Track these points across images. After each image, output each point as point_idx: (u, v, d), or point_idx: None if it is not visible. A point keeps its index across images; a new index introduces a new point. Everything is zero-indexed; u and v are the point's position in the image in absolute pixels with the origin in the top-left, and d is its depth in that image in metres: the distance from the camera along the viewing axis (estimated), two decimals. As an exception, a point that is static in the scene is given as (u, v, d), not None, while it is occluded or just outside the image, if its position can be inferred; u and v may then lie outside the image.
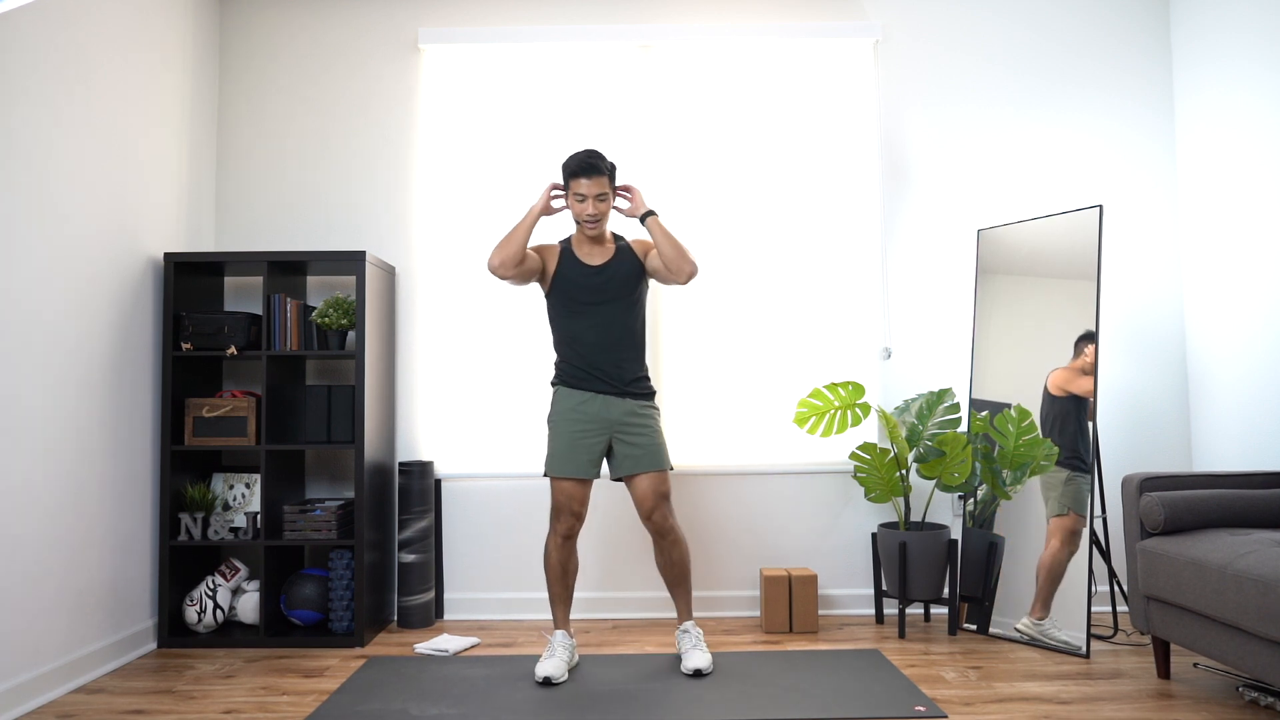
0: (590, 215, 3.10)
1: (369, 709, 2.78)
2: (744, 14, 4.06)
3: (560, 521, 3.11)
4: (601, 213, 3.11)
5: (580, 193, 3.10)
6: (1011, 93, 4.04)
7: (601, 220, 3.12)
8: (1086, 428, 3.34)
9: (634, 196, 3.20)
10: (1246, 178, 3.58)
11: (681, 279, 3.10)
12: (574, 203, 3.12)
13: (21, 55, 2.83)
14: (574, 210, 3.13)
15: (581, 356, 3.14)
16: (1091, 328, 3.40)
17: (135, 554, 3.40)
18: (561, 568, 3.15)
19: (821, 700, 2.80)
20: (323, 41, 4.07)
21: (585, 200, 3.10)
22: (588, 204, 3.10)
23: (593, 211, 3.10)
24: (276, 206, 4.03)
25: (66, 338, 3.02)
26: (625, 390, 3.14)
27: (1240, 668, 2.56)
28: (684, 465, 3.94)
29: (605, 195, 3.12)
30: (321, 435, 3.66)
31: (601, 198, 3.11)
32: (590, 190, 3.09)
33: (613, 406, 3.12)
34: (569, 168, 3.10)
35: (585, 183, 3.09)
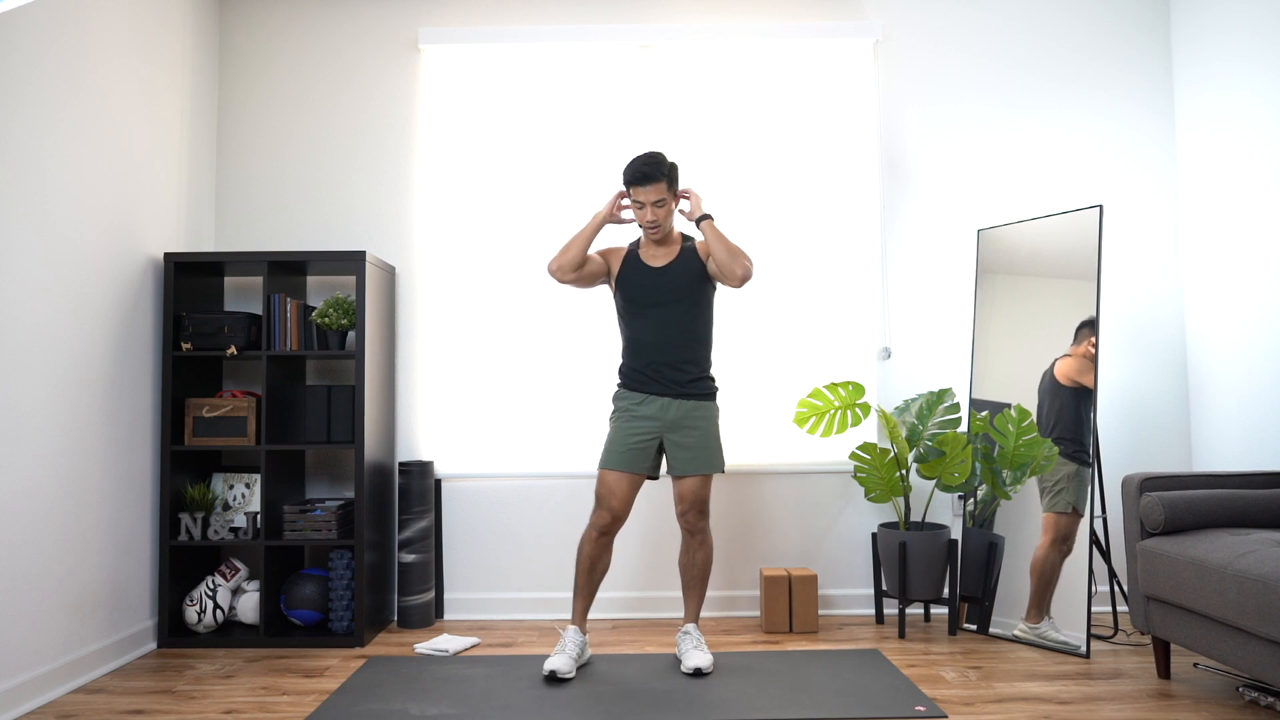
0: (650, 222, 3.12)
1: (369, 709, 2.78)
2: (744, 14, 4.06)
3: (598, 514, 3.12)
4: (660, 218, 3.13)
5: (639, 200, 3.12)
6: (1012, 93, 4.04)
7: (662, 225, 3.14)
8: (1089, 419, 3.34)
9: (693, 200, 3.21)
10: (1246, 178, 3.58)
11: (734, 282, 3.10)
12: (635, 210, 3.16)
13: (21, 55, 2.83)
14: (636, 217, 3.17)
15: (640, 358, 3.17)
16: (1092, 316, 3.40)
17: (135, 554, 3.40)
18: (591, 562, 3.15)
19: (821, 700, 2.80)
20: (323, 41, 4.07)
21: (644, 207, 3.13)
22: (646, 210, 3.12)
23: (651, 218, 3.12)
24: (276, 206, 4.03)
25: (66, 338, 3.02)
26: (683, 392, 3.14)
27: (1240, 668, 2.56)
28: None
29: (663, 201, 3.12)
30: (321, 435, 3.66)
31: (660, 204, 3.11)
32: (647, 197, 3.10)
33: (669, 408, 3.14)
34: (626, 176, 3.13)
35: (642, 190, 3.10)
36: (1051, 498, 3.41)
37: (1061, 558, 3.33)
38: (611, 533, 3.13)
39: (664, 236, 3.19)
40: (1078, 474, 3.35)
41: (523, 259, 4.02)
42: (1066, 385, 3.42)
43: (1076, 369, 3.35)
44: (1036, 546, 3.42)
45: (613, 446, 3.14)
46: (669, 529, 3.93)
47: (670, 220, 3.17)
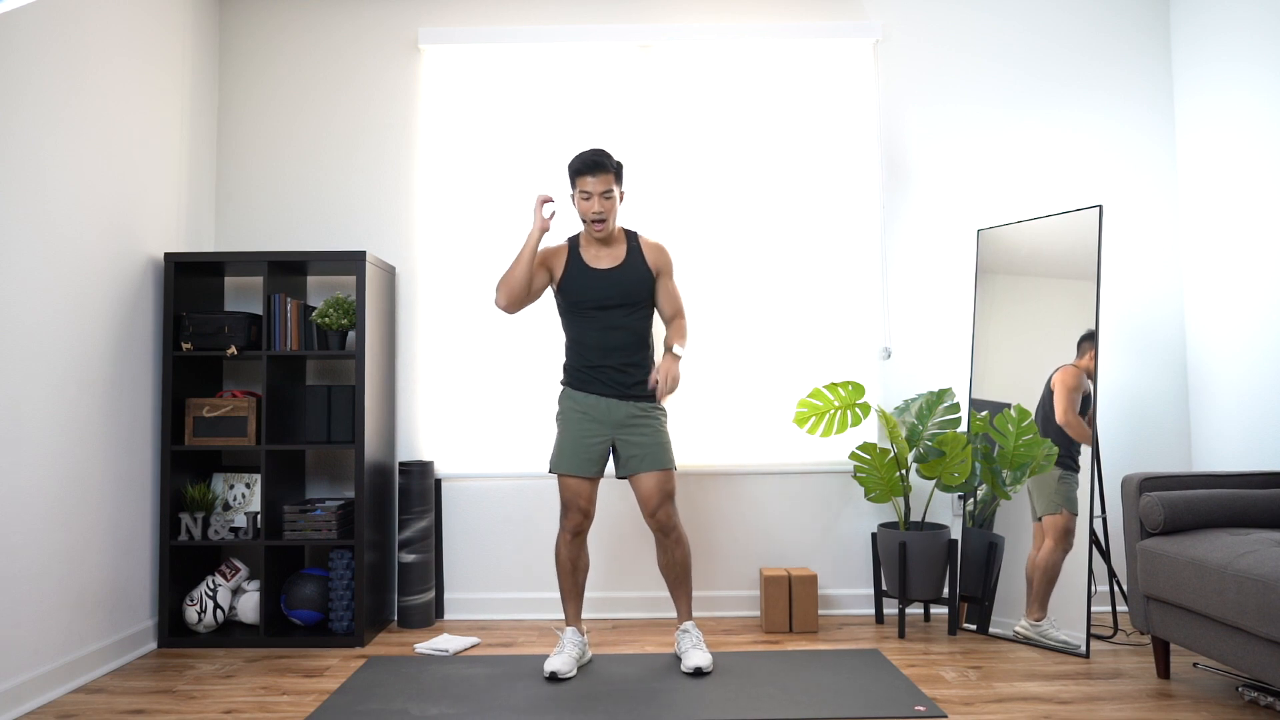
0: (596, 213, 3.07)
1: (369, 709, 2.78)
2: (744, 14, 4.06)
3: (568, 518, 3.12)
4: (608, 210, 3.09)
5: (586, 190, 3.08)
6: (1011, 93, 4.04)
7: (608, 219, 3.10)
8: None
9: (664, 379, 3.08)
10: (1246, 178, 3.58)
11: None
12: (580, 201, 3.11)
13: (21, 55, 2.83)
14: (580, 209, 3.12)
15: (585, 360, 3.14)
16: (1092, 327, 3.40)
17: (135, 554, 3.40)
18: (571, 564, 3.16)
19: (821, 700, 2.80)
20: (323, 41, 4.07)
21: (591, 198, 3.08)
22: (593, 201, 3.07)
23: (599, 209, 3.07)
24: (276, 206, 4.03)
25: (67, 338, 3.02)
26: (629, 394, 3.13)
27: (1240, 668, 2.56)
28: (685, 465, 3.94)
29: (611, 192, 3.09)
30: (321, 435, 3.66)
31: (608, 195, 3.08)
32: (596, 187, 3.07)
33: (616, 409, 3.13)
34: (574, 166, 3.10)
35: (591, 180, 3.07)
36: (1047, 501, 3.41)
37: (1065, 553, 3.33)
38: (583, 532, 3.15)
39: (607, 234, 3.14)
40: (1063, 478, 3.37)
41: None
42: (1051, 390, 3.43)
43: (1073, 379, 3.35)
44: (1032, 549, 3.42)
45: (565, 450, 3.13)
46: (669, 529, 3.93)
47: (615, 216, 3.13)
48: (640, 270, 3.16)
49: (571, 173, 3.12)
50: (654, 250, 3.21)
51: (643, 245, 3.21)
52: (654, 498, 3.11)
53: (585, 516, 3.13)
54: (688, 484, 3.95)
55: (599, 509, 3.95)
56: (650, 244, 3.22)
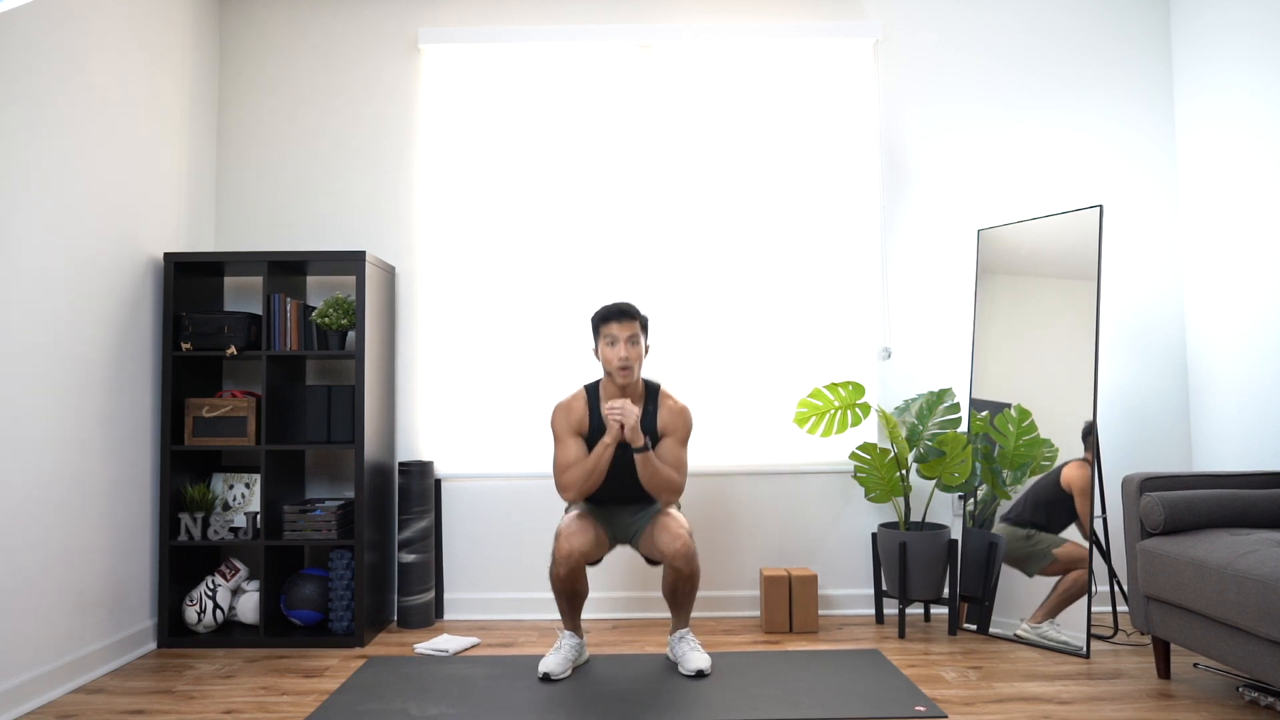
0: (623, 359, 3.03)
1: (369, 709, 2.78)
2: (744, 14, 4.06)
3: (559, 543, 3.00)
4: (634, 358, 3.05)
5: (612, 335, 3.05)
6: (1012, 93, 4.04)
7: (634, 366, 3.06)
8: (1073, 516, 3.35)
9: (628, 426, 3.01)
10: (1246, 178, 3.58)
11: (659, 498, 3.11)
12: (605, 348, 3.07)
13: (20, 55, 2.83)
14: (605, 357, 3.08)
15: (596, 500, 3.21)
16: (1092, 331, 3.40)
17: (135, 554, 3.40)
18: (569, 594, 3.06)
19: (821, 700, 2.80)
20: (323, 41, 4.07)
21: (617, 343, 3.04)
22: (619, 347, 3.04)
23: (624, 354, 3.03)
24: (276, 206, 4.03)
25: (67, 338, 3.02)
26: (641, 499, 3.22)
27: (1240, 668, 2.56)
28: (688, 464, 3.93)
29: (637, 338, 3.06)
30: (321, 435, 3.66)
31: (633, 340, 3.05)
32: (622, 333, 3.04)
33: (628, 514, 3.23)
34: (600, 314, 3.09)
35: (617, 326, 3.05)
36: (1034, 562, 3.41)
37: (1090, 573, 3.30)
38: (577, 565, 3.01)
39: (629, 384, 3.09)
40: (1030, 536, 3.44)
41: (523, 259, 4.02)
42: (1066, 491, 3.38)
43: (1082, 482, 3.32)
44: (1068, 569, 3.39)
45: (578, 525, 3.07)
46: (669, 529, 3.93)
47: (640, 365, 3.09)
48: (653, 431, 3.14)
49: (596, 321, 3.10)
50: (670, 414, 3.14)
51: (660, 407, 3.15)
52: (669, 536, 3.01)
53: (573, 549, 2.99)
54: (689, 484, 3.95)
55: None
56: (670, 407, 3.15)
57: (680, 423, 3.13)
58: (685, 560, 3.02)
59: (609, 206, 4.02)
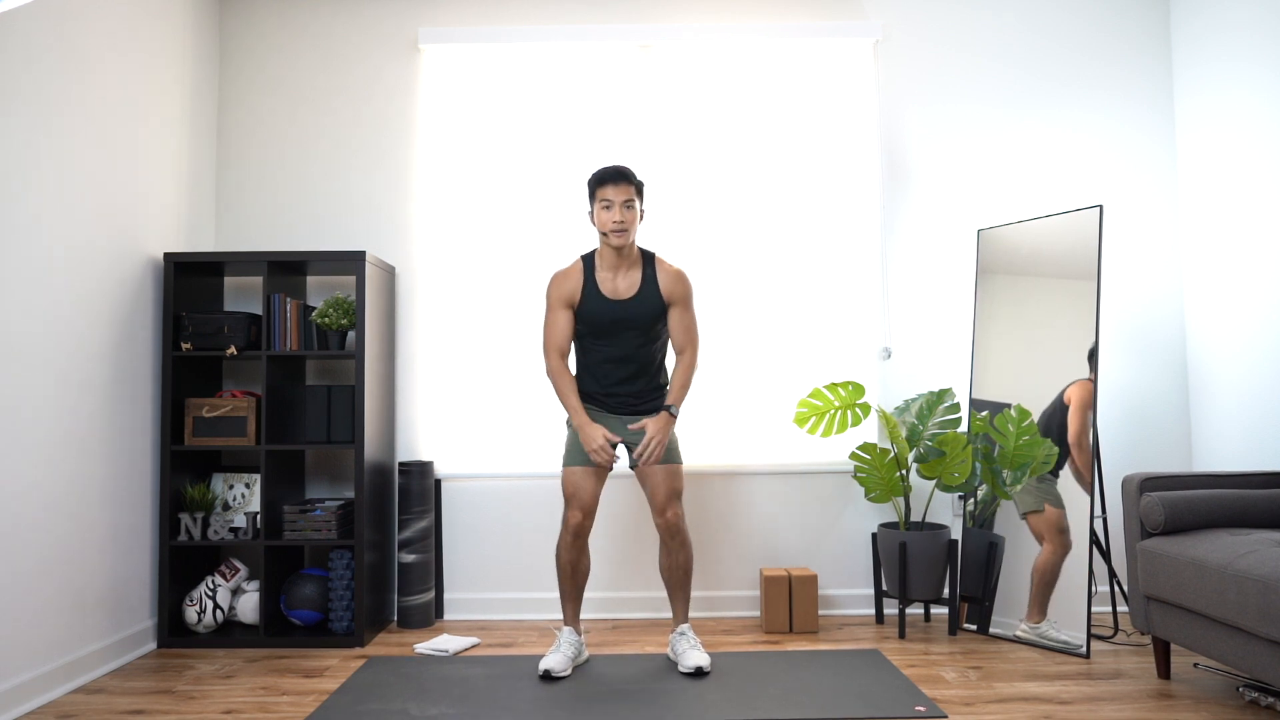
0: (617, 222, 3.04)
1: (369, 709, 2.78)
2: (744, 14, 4.06)
3: (569, 513, 3.11)
4: (628, 220, 3.06)
5: (607, 199, 3.06)
6: (1012, 93, 4.04)
7: (629, 229, 3.07)
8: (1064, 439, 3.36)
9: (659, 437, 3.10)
10: (1246, 178, 3.58)
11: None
12: (600, 211, 3.08)
13: (20, 55, 2.83)
14: (599, 220, 3.09)
15: (598, 384, 3.18)
16: (1092, 328, 3.40)
17: (135, 554, 3.40)
18: (571, 567, 3.14)
19: (821, 700, 2.80)
20: (323, 41, 4.07)
21: (612, 206, 3.05)
22: (614, 210, 3.05)
23: (619, 218, 3.04)
24: (276, 206, 4.03)
25: (67, 338, 3.02)
26: (638, 409, 3.19)
27: (1240, 668, 2.56)
28: (686, 465, 3.91)
29: (632, 203, 3.07)
30: (321, 435, 3.65)
31: (629, 204, 3.06)
32: (617, 196, 3.05)
33: (628, 420, 3.19)
34: (595, 176, 3.10)
35: (612, 189, 3.05)
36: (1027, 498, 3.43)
37: (1063, 553, 3.32)
38: (584, 533, 3.12)
39: (625, 248, 3.11)
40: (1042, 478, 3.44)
41: (523, 259, 4.01)
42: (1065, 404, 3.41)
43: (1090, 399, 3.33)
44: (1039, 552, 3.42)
45: (573, 446, 3.15)
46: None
47: (635, 228, 3.10)
48: (653, 301, 3.14)
49: (592, 184, 3.11)
50: (670, 278, 3.16)
51: (659, 272, 3.17)
52: (662, 491, 3.11)
53: (586, 515, 3.11)
54: (689, 484, 3.95)
55: (601, 509, 3.94)
56: (668, 271, 3.17)
57: (682, 287, 3.18)
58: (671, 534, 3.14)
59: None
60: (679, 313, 3.18)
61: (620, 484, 3.95)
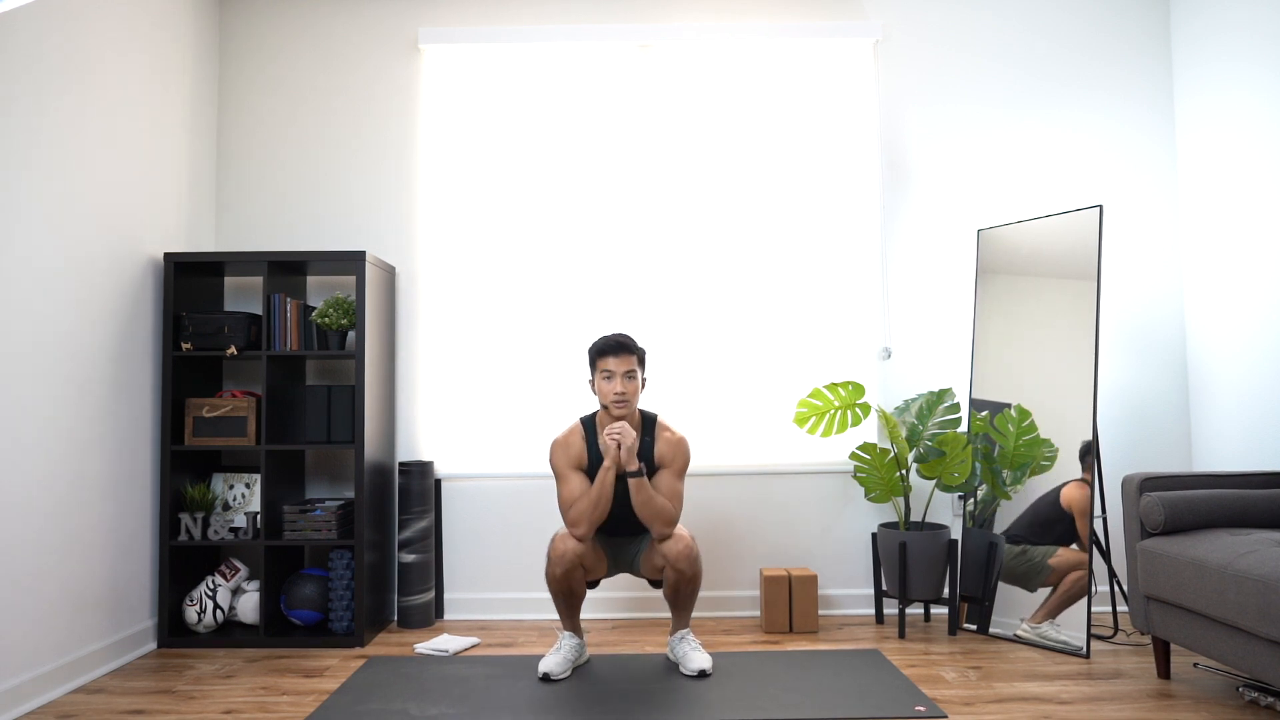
0: (618, 394, 3.03)
1: (369, 709, 2.78)
2: (744, 14, 4.06)
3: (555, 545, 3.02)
4: (630, 392, 3.05)
5: (608, 370, 3.05)
6: (1012, 93, 4.04)
7: (630, 400, 3.06)
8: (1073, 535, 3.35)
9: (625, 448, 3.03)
10: (1246, 178, 3.58)
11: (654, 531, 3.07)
12: (601, 382, 3.07)
13: (20, 55, 2.83)
14: (601, 391, 3.08)
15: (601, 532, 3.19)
16: (1092, 330, 3.40)
17: (135, 554, 3.40)
18: (566, 593, 3.04)
19: (821, 700, 2.80)
20: (323, 41, 4.07)
21: (613, 378, 3.04)
22: (615, 382, 3.04)
23: (620, 390, 3.03)
24: (276, 206, 4.03)
25: (67, 338, 3.02)
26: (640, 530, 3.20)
27: (1240, 668, 2.56)
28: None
29: (634, 373, 3.06)
30: (321, 435, 3.65)
31: (630, 375, 3.05)
32: (620, 367, 3.04)
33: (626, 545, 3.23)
34: (596, 347, 3.09)
35: (614, 360, 3.05)
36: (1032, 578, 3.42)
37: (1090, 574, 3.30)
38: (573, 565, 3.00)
39: (625, 415, 3.08)
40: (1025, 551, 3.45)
41: (523, 259, 4.02)
42: (1066, 511, 3.38)
43: (1082, 503, 3.32)
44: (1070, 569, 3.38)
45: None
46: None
47: (637, 399, 3.09)
48: (650, 464, 3.13)
49: (593, 354, 3.10)
50: (668, 445, 3.13)
51: (657, 439, 3.14)
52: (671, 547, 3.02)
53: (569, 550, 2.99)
54: (690, 484, 3.95)
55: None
56: (667, 438, 3.13)
57: (677, 454, 3.12)
58: (688, 561, 3.02)
59: (609, 206, 4.02)
60: (668, 477, 3.10)
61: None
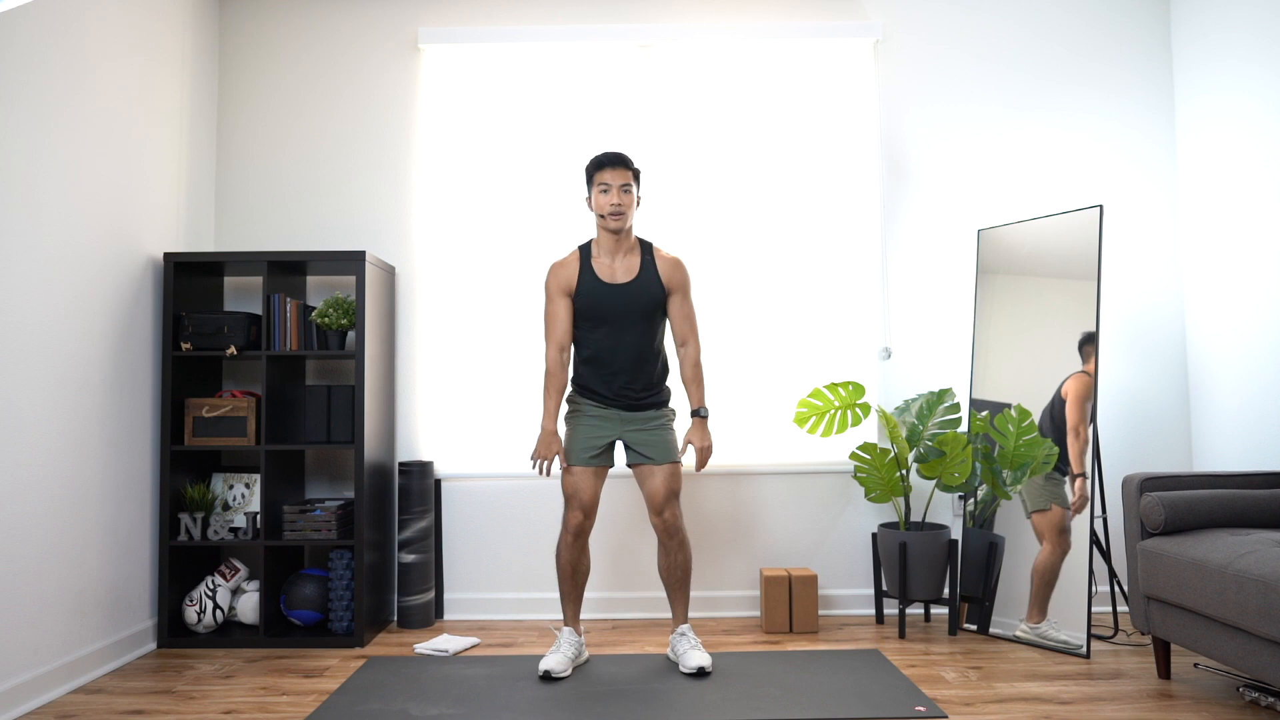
0: (614, 205, 3.05)
1: (369, 709, 2.78)
2: (744, 14, 4.06)
3: (569, 514, 3.10)
4: (625, 204, 3.07)
5: (605, 182, 3.06)
6: (1012, 93, 4.04)
7: (626, 213, 3.07)
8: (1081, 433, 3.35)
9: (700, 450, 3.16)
10: (1246, 178, 3.58)
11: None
12: (597, 195, 3.08)
13: (20, 55, 2.83)
14: (597, 204, 3.09)
15: (596, 372, 3.15)
16: (1091, 328, 3.40)
17: (135, 554, 3.40)
18: (572, 567, 3.13)
19: (821, 700, 2.80)
20: (322, 41, 4.07)
21: (609, 190, 3.06)
22: (612, 194, 3.05)
23: (617, 201, 3.05)
24: (276, 206, 4.03)
25: (66, 338, 3.02)
26: (637, 403, 3.16)
27: (1240, 668, 2.56)
28: (686, 465, 3.93)
29: (630, 187, 3.08)
30: (321, 435, 3.65)
31: (626, 188, 3.07)
32: (615, 180, 3.06)
33: (625, 416, 3.16)
34: (594, 161, 3.11)
35: (610, 173, 3.06)
36: (1033, 497, 3.43)
37: (1063, 554, 3.32)
38: (585, 533, 3.11)
39: (623, 233, 3.11)
40: (1050, 477, 3.42)
41: (523, 259, 4.01)
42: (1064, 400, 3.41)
43: (1087, 391, 3.33)
44: (1038, 552, 3.42)
45: (573, 445, 3.15)
46: (669, 529, 3.93)
47: (632, 213, 3.11)
48: (653, 287, 3.13)
49: (590, 168, 3.11)
50: (669, 265, 3.16)
51: (657, 259, 3.16)
52: (660, 492, 3.10)
53: (586, 515, 3.10)
54: (689, 484, 3.95)
55: (601, 509, 3.94)
56: (666, 258, 3.17)
57: (681, 274, 3.18)
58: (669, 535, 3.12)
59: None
60: (679, 301, 3.17)
61: (620, 484, 3.95)
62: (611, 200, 3.05)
